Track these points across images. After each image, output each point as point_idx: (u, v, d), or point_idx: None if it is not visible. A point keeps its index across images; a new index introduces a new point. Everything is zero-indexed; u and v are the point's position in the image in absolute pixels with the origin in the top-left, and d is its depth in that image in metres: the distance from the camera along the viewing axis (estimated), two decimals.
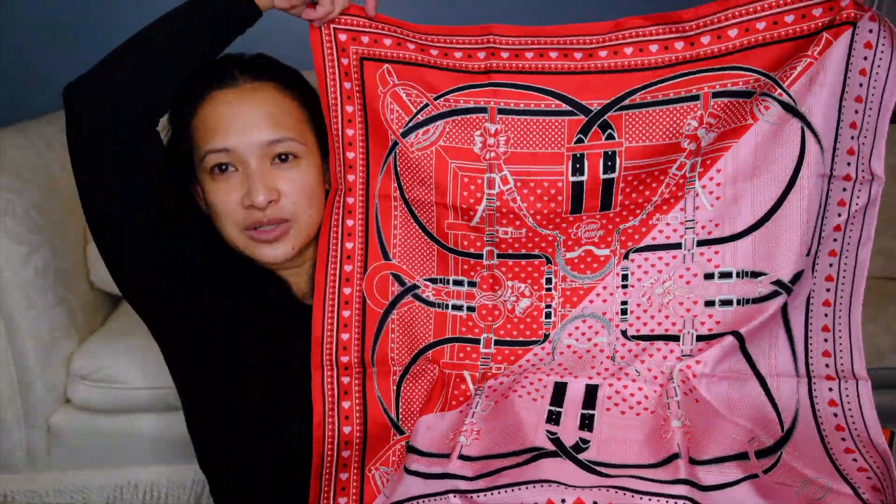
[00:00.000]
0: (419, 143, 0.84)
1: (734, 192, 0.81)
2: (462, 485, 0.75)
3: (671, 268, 0.85)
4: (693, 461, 0.74)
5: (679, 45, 0.79)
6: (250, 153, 0.81)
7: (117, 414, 1.32)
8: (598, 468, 0.74)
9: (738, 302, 0.81)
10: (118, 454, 1.35)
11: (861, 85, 0.75)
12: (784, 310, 0.80)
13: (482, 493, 0.73)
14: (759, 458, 0.75)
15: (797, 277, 0.77)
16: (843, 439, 0.75)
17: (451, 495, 0.74)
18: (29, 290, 1.21)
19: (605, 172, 0.82)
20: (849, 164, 0.77)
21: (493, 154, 0.83)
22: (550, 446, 0.76)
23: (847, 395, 0.77)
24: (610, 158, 0.82)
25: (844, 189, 0.77)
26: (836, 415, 0.76)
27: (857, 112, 0.76)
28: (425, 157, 0.84)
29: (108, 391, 1.29)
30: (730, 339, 0.80)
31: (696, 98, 0.79)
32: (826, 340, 0.79)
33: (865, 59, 0.74)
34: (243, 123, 0.82)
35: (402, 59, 0.82)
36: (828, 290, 0.79)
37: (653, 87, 0.81)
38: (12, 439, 1.29)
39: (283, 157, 0.83)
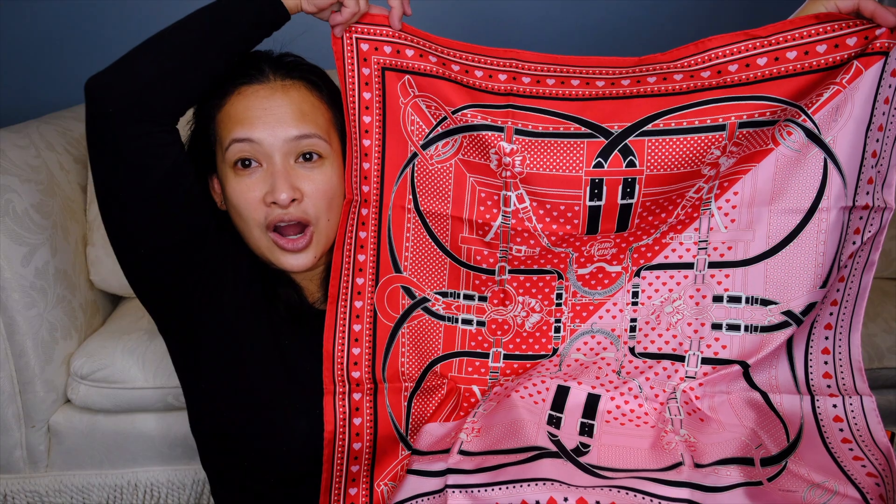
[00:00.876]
0: (439, 156, 0.84)
1: (750, 216, 0.80)
2: (462, 479, 0.75)
3: (682, 287, 0.84)
4: (698, 465, 0.74)
5: (706, 73, 0.76)
6: (276, 148, 0.81)
7: (117, 414, 1.32)
8: (598, 471, 0.75)
9: (746, 328, 0.80)
10: (118, 454, 1.35)
11: (884, 114, 0.73)
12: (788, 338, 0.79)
13: (483, 487, 0.73)
14: (765, 466, 0.74)
15: (809, 309, 0.77)
16: (851, 449, 0.74)
17: (451, 490, 0.74)
18: (29, 290, 1.21)
19: (623, 198, 0.81)
20: (867, 192, 0.75)
21: (508, 173, 0.82)
22: (552, 447, 0.76)
23: (852, 409, 0.75)
24: (629, 185, 0.80)
25: (861, 217, 0.76)
26: (841, 430, 0.75)
27: (877, 141, 0.74)
28: (444, 169, 0.84)
29: (108, 391, 1.28)
30: (736, 368, 0.80)
31: (721, 128, 0.76)
32: (826, 363, 0.78)
33: (891, 86, 0.72)
34: (272, 116, 0.81)
35: (423, 70, 0.81)
36: (831, 313, 0.77)
37: (677, 113, 0.78)
38: (12, 439, 1.29)
39: (308, 155, 0.83)
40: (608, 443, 0.79)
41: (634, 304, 0.86)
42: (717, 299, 0.82)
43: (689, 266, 0.84)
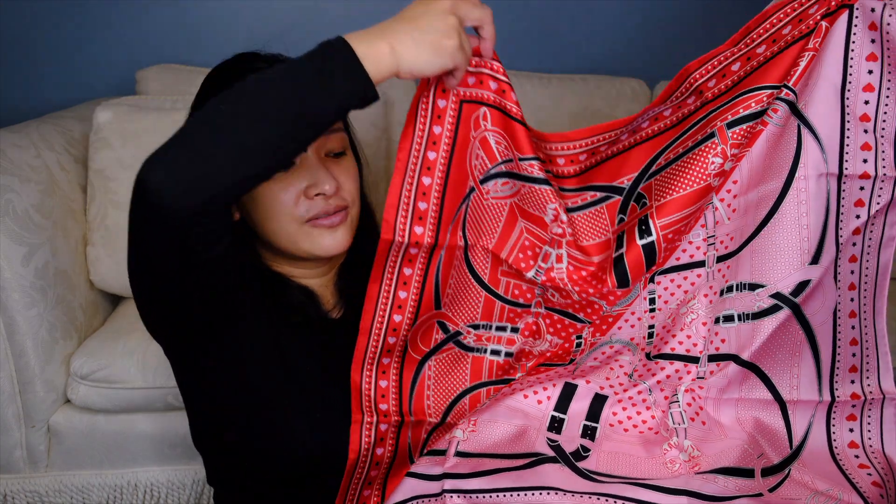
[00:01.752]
0: (496, 192, 0.81)
1: (746, 201, 0.76)
2: (459, 483, 0.74)
3: (696, 287, 0.80)
4: (697, 473, 0.72)
5: (690, 99, 0.76)
6: (311, 145, 0.80)
7: (117, 414, 1.32)
8: (596, 477, 0.74)
9: (739, 318, 0.75)
10: (118, 454, 1.35)
11: (871, 72, 0.68)
12: (808, 329, 0.73)
13: (484, 493, 0.73)
14: (765, 476, 0.71)
15: (801, 288, 0.70)
16: (857, 456, 0.71)
17: (448, 495, 0.74)
18: (29, 290, 1.21)
19: (641, 238, 0.78)
20: (865, 160, 0.69)
21: (560, 230, 0.80)
22: (550, 452, 0.76)
23: (870, 413, 0.71)
24: (644, 223, 0.78)
25: (862, 188, 0.70)
26: (851, 430, 0.72)
27: (867, 103, 0.69)
28: (498, 206, 0.81)
29: (108, 391, 1.29)
30: (732, 366, 0.75)
31: (711, 136, 0.74)
32: (854, 355, 0.72)
33: (873, 41, 0.67)
34: None
35: (500, 106, 0.76)
36: (852, 299, 0.72)
37: (674, 145, 0.77)
38: (12, 439, 1.29)
39: (332, 150, 0.84)
40: (609, 449, 0.77)
41: (652, 310, 0.84)
42: (722, 293, 0.77)
43: (702, 265, 0.80)
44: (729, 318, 0.76)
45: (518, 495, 0.72)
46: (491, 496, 0.72)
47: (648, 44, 2.22)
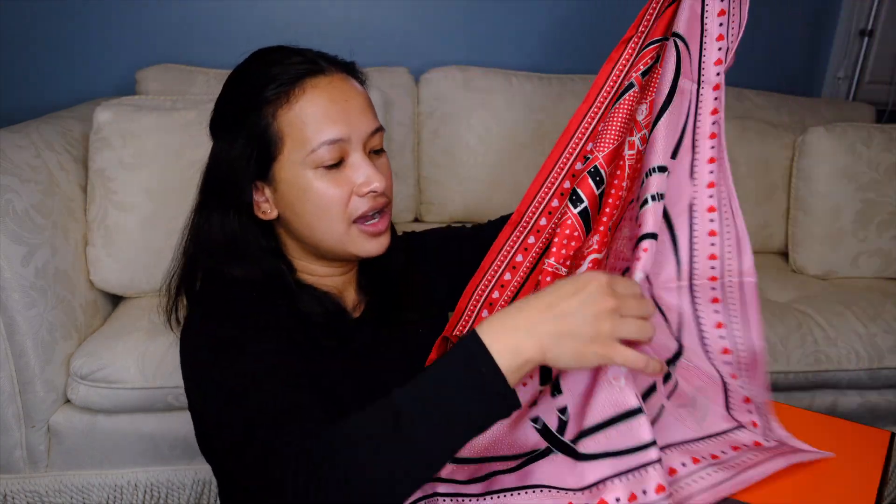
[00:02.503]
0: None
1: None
2: (454, 488, 0.74)
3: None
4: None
5: (623, 80, 0.90)
6: (359, 142, 0.80)
7: (117, 414, 1.32)
8: (579, 446, 0.70)
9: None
10: (118, 454, 1.35)
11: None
12: (668, 219, 0.77)
13: (475, 497, 0.72)
14: (665, 382, 0.75)
15: (662, 171, 0.75)
16: (722, 337, 0.75)
17: (441, 499, 0.73)
18: (29, 290, 1.21)
19: (597, 187, 0.85)
20: (717, 73, 0.79)
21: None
22: (542, 444, 0.75)
23: (731, 287, 0.76)
24: (597, 174, 0.85)
25: (716, 98, 0.79)
26: (717, 312, 0.76)
27: (721, 25, 0.80)
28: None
29: (108, 391, 1.29)
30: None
31: (631, 86, 0.86)
32: (713, 244, 0.77)
33: None
34: (353, 109, 0.79)
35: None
36: (710, 196, 0.77)
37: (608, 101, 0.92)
38: (12, 439, 1.29)
39: (374, 149, 0.83)
40: (571, 376, 0.74)
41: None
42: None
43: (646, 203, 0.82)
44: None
45: (509, 496, 0.71)
46: (482, 499, 0.72)
47: None
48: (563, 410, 0.73)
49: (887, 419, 1.60)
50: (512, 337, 0.60)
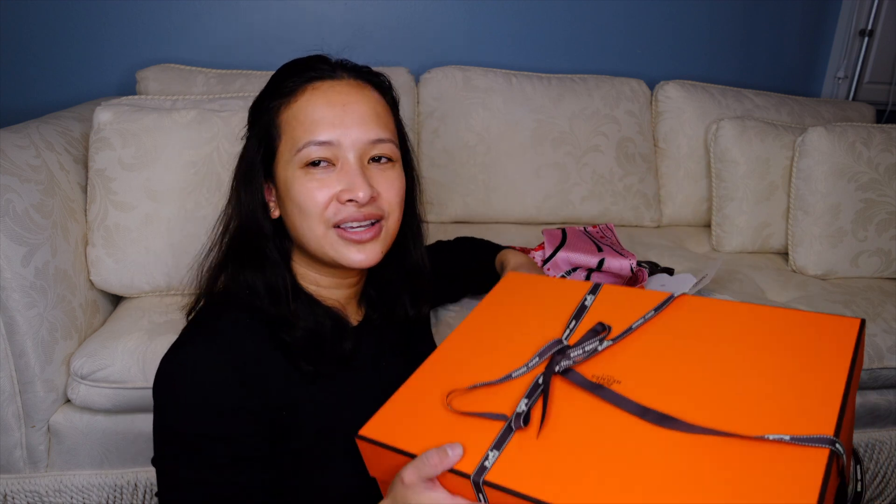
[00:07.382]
0: None
1: None
2: None
3: None
4: None
5: None
6: (352, 148, 0.79)
7: (117, 414, 1.32)
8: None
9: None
10: (118, 454, 1.35)
11: None
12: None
13: None
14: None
15: None
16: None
17: None
18: (29, 290, 1.21)
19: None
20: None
21: None
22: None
23: None
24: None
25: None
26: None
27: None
28: None
29: (108, 391, 1.29)
30: None
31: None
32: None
33: None
34: (351, 116, 0.79)
35: None
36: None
37: None
38: (12, 439, 1.29)
39: (378, 158, 0.81)
40: None
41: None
42: None
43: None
44: None
45: None
46: None
47: (648, 44, 2.21)
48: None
49: (887, 419, 1.60)
50: None
